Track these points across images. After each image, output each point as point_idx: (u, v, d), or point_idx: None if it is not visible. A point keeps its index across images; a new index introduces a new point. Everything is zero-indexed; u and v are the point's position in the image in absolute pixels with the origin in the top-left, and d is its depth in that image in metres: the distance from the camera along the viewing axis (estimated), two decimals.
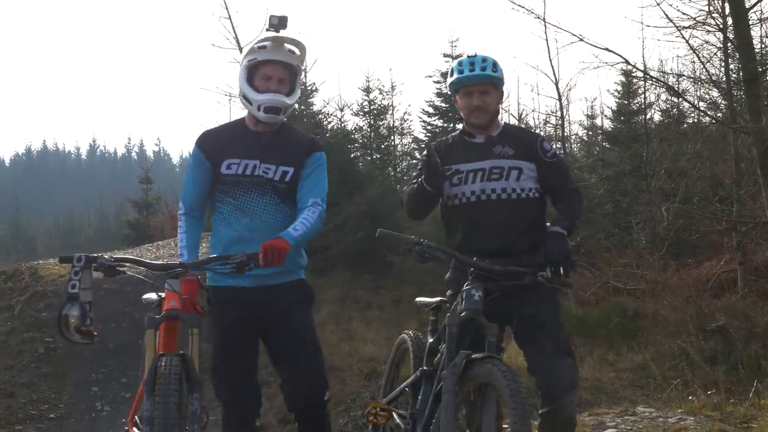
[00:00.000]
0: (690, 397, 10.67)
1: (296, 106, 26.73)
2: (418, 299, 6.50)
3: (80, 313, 5.26)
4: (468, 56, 5.85)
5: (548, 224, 5.87)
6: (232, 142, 5.82)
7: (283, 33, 5.80)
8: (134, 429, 5.91)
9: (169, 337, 5.22)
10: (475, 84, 5.74)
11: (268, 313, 5.64)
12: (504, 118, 26.47)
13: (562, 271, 5.30)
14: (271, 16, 5.86)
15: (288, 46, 5.75)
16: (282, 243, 5.38)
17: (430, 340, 5.87)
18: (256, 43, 5.76)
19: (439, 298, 6.14)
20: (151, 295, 5.80)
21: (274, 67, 5.70)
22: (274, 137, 5.82)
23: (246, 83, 5.72)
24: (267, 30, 5.89)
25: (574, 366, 5.63)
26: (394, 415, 6.03)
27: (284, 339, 5.74)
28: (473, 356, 4.91)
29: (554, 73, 22.32)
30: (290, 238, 5.47)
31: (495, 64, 5.77)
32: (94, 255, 5.38)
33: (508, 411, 4.59)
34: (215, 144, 5.85)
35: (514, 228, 5.62)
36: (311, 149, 5.90)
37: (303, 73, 6.07)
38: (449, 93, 6.07)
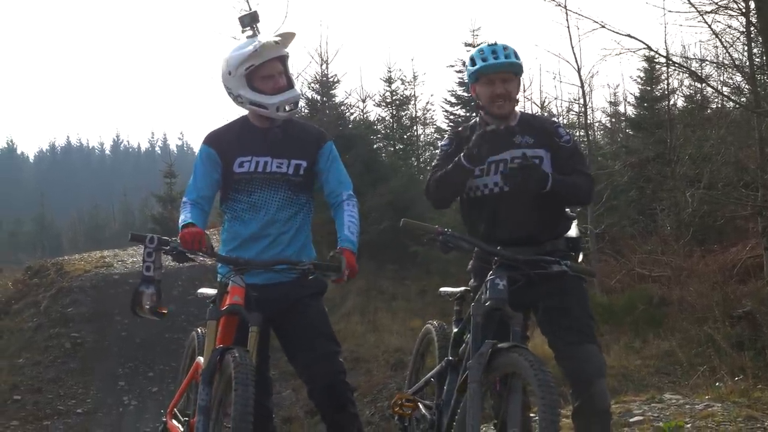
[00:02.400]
0: (717, 384, 10.64)
1: (317, 97, 26.97)
2: (442, 289, 6.48)
3: (155, 293, 5.34)
4: (488, 44, 5.79)
5: (567, 210, 5.87)
6: (240, 140, 5.83)
7: (258, 27, 5.83)
8: (173, 421, 5.96)
9: (228, 331, 5.24)
10: (498, 72, 5.69)
11: (281, 308, 5.64)
12: (527, 106, 26.48)
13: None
14: (242, 16, 5.89)
15: (272, 39, 5.76)
16: (354, 259, 5.51)
17: (455, 330, 5.85)
18: (244, 52, 5.72)
19: (463, 288, 6.12)
20: (207, 290, 5.88)
21: (270, 65, 5.70)
22: (282, 131, 5.82)
23: (250, 90, 5.71)
24: (242, 31, 5.90)
25: (600, 353, 5.59)
26: (420, 406, 6.02)
27: (297, 329, 5.74)
28: (499, 346, 4.88)
29: (576, 61, 22.23)
30: (354, 247, 5.60)
31: (516, 53, 5.69)
32: (166, 238, 5.42)
33: (536, 401, 4.57)
34: (225, 142, 5.85)
35: (538, 217, 5.56)
36: (321, 140, 5.94)
37: (326, 64, 6.08)
38: (468, 82, 5.99)
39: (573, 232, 5.86)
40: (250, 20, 5.86)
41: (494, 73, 5.68)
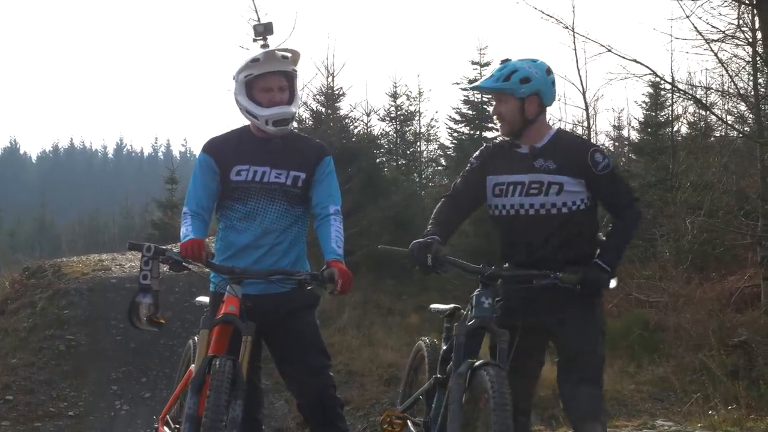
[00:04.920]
0: (710, 412, 10.63)
1: (322, 109, 26.98)
2: (432, 306, 6.49)
3: (152, 303, 5.36)
4: (501, 62, 5.75)
5: (600, 234, 5.81)
6: (239, 149, 5.81)
7: (270, 39, 5.84)
8: (164, 428, 5.96)
9: (221, 340, 5.25)
10: (489, 92, 5.71)
11: (273, 319, 5.63)
12: None
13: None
14: (256, 25, 5.91)
15: (280, 53, 5.75)
16: (346, 268, 5.49)
17: (444, 347, 5.85)
18: (247, 59, 5.74)
19: (452, 305, 6.12)
20: (205, 298, 5.90)
21: (271, 78, 5.69)
22: (282, 143, 5.81)
23: (247, 99, 5.71)
24: (254, 39, 5.92)
25: (599, 395, 5.56)
26: (409, 423, 6.02)
27: (288, 341, 5.74)
28: (476, 364, 4.91)
29: (582, 83, 22.31)
30: (342, 260, 5.58)
31: (510, 74, 5.54)
32: (163, 247, 5.43)
33: (490, 422, 4.61)
34: (223, 150, 5.84)
35: (555, 241, 5.52)
36: (321, 154, 5.92)
37: (332, 77, 6.08)
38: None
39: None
40: (263, 30, 5.88)
41: (488, 93, 5.71)
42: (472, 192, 5.79)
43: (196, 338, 5.86)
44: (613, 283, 5.63)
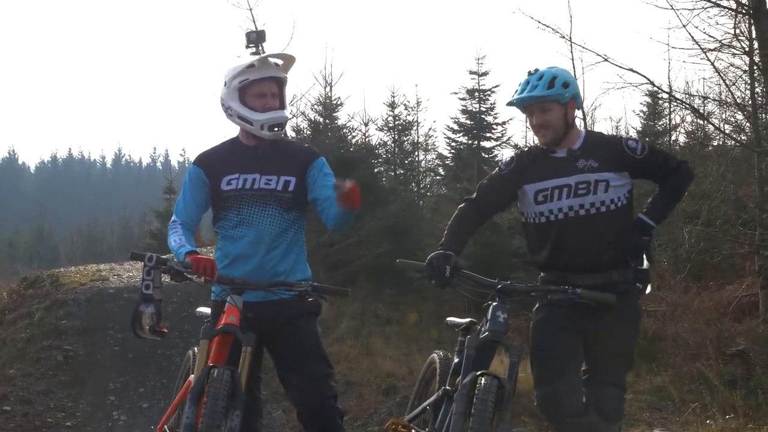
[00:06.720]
0: (708, 421, 10.63)
1: (320, 119, 26.94)
2: (449, 319, 6.53)
3: (155, 312, 5.39)
4: (528, 73, 5.78)
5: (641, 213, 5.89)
6: (229, 159, 5.91)
7: (263, 46, 5.92)
8: None
9: (221, 350, 5.27)
10: (531, 103, 5.72)
11: (274, 326, 5.66)
12: (528, 136, 26.30)
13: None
14: (249, 33, 5.99)
15: (273, 60, 5.80)
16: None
17: (456, 360, 5.88)
18: (242, 64, 5.78)
19: (468, 319, 6.16)
20: (205, 309, 5.93)
21: (264, 84, 5.75)
22: (271, 149, 5.86)
23: (240, 104, 5.75)
24: (247, 46, 6.00)
25: (623, 398, 5.69)
26: None
27: (288, 349, 5.76)
28: (477, 375, 4.95)
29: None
30: None
31: (552, 80, 5.64)
32: (165, 257, 5.49)
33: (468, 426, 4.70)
34: (213, 162, 5.94)
35: (605, 241, 5.62)
36: (311, 157, 5.98)
37: (329, 87, 6.13)
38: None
39: (643, 263, 5.88)
40: (256, 38, 5.95)
41: (529, 104, 5.74)
42: (499, 198, 5.90)
43: (195, 349, 5.89)
44: (648, 289, 5.74)
